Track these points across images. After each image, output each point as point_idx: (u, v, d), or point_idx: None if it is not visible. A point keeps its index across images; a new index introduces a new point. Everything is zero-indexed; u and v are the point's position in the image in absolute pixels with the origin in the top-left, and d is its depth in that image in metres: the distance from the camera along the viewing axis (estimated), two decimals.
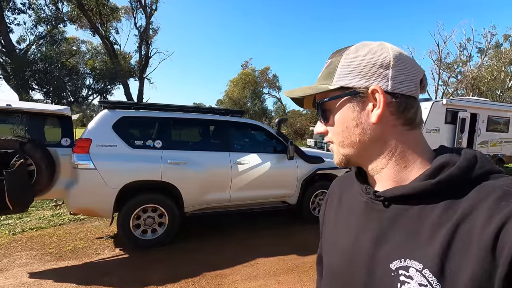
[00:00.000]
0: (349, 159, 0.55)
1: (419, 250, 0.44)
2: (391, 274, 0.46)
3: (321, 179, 4.60)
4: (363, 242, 0.52)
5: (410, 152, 0.51)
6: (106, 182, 3.28)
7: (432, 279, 0.41)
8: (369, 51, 0.51)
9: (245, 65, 31.06)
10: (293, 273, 3.08)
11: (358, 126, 0.52)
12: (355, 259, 0.53)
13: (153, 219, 3.56)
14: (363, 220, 0.55)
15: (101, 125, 3.44)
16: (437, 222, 0.44)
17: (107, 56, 16.98)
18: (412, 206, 0.48)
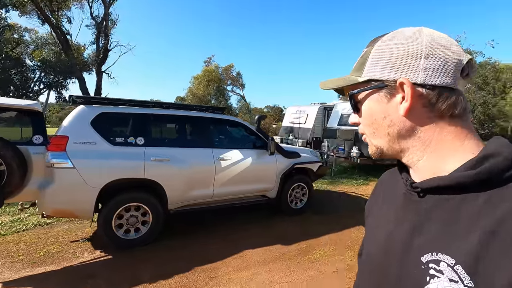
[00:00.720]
0: (382, 151, 0.55)
1: (453, 244, 0.42)
2: (422, 267, 0.44)
3: (297, 173, 4.85)
4: (398, 233, 0.52)
5: (448, 143, 0.48)
6: (86, 181, 3.12)
7: (464, 276, 0.39)
8: (401, 40, 0.50)
9: (208, 62, 30.65)
10: (281, 261, 3.26)
11: (386, 119, 0.52)
12: (389, 250, 0.52)
13: (136, 218, 3.47)
14: (401, 211, 0.54)
15: (78, 122, 3.26)
16: (476, 216, 0.41)
17: (57, 47, 15.54)
18: (449, 198, 0.46)
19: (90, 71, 16.02)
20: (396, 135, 0.52)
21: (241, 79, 30.68)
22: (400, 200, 0.56)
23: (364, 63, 0.54)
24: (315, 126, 12.26)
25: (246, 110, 31.35)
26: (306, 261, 3.28)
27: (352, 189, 7.11)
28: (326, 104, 12.97)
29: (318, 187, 6.86)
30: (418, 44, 0.48)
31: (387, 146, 0.54)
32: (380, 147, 0.55)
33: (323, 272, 3.05)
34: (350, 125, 9.57)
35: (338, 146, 9.40)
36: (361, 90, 0.55)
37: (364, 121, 0.57)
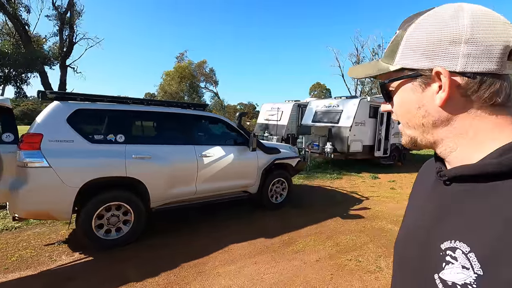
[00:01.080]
0: (415, 141, 0.54)
1: (471, 233, 0.42)
2: (440, 253, 0.45)
3: (277, 169, 4.98)
4: (423, 220, 0.53)
5: (486, 133, 0.46)
6: (64, 181, 2.99)
7: (475, 264, 0.39)
8: (437, 23, 0.45)
9: (180, 58, 29.90)
10: (266, 253, 3.37)
11: (421, 109, 0.49)
12: (413, 236, 0.54)
13: (117, 218, 3.38)
14: (428, 198, 0.55)
15: (53, 119, 3.10)
16: (497, 207, 0.40)
17: (14, 38, 14.28)
18: (473, 187, 0.45)
19: (52, 65, 14.95)
20: (431, 126, 0.50)
21: (215, 75, 30.39)
22: (430, 188, 0.57)
23: (395, 50, 0.51)
24: (290, 123, 12.55)
25: (220, 107, 31.11)
26: (290, 252, 3.41)
27: (327, 183, 7.42)
28: (300, 102, 13.33)
29: (295, 182, 7.07)
30: (458, 27, 0.43)
31: (420, 136, 0.53)
32: (413, 137, 0.54)
33: (307, 261, 3.21)
34: (324, 121, 10.00)
35: (312, 142, 9.72)
36: (393, 80, 0.52)
37: (397, 111, 0.55)
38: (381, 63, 0.54)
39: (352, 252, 3.48)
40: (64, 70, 15.39)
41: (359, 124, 9.27)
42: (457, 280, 0.41)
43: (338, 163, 10.24)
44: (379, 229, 4.24)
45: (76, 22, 15.39)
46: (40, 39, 16.53)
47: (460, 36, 0.43)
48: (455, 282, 0.41)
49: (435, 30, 0.45)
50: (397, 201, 5.91)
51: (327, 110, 10.22)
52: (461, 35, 0.43)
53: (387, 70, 0.52)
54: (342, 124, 9.31)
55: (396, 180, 8.10)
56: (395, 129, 10.82)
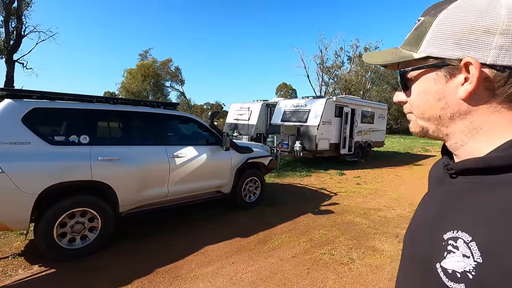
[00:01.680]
0: (427, 132, 0.54)
1: (474, 223, 0.42)
2: (442, 243, 0.45)
3: (250, 168, 4.99)
4: (429, 212, 0.53)
5: (502, 129, 0.45)
6: (19, 187, 2.70)
7: (475, 252, 0.40)
8: (472, 11, 0.43)
9: (144, 55, 28.64)
10: (242, 252, 3.36)
11: (441, 100, 0.48)
12: (420, 229, 0.55)
13: (82, 225, 3.14)
14: (436, 191, 0.56)
15: (6, 118, 2.78)
16: (499, 200, 0.41)
17: None
18: (479, 180, 0.46)
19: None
20: (448, 119, 0.49)
21: (180, 74, 29.59)
22: (439, 181, 0.57)
23: (421, 37, 0.48)
24: (259, 122, 12.64)
25: (186, 107, 30.37)
26: (266, 250, 3.44)
27: (297, 180, 7.60)
28: (269, 101, 13.49)
29: (266, 180, 7.13)
30: (494, 17, 0.42)
31: (434, 128, 0.52)
32: (425, 128, 0.53)
33: (283, 258, 3.26)
34: (293, 121, 10.23)
35: (282, 141, 9.89)
36: (416, 68, 0.50)
37: (414, 101, 0.53)
38: (403, 51, 0.51)
39: (326, 246, 3.60)
40: (11, 66, 13.85)
41: (326, 123, 9.63)
42: (457, 268, 0.41)
43: (307, 161, 10.54)
44: (349, 223, 4.45)
45: (24, 12, 14.00)
46: None
47: (496, 26, 0.41)
48: (455, 270, 0.42)
49: (470, 18, 0.43)
50: (363, 195, 6.24)
51: (295, 109, 10.47)
52: (497, 26, 0.41)
53: (410, 58, 0.49)
54: (310, 123, 9.60)
55: (361, 176, 8.55)
56: (358, 128, 11.42)
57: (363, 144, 11.85)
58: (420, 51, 0.48)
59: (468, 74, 0.44)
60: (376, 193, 6.53)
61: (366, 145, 12.12)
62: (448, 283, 0.42)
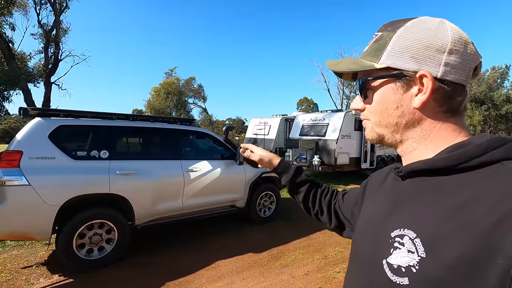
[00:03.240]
0: (382, 139, 0.57)
1: (419, 221, 0.45)
2: (389, 241, 0.48)
3: (265, 182, 4.98)
4: (378, 213, 0.56)
5: (444, 137, 0.50)
6: (44, 200, 2.89)
7: (420, 247, 0.42)
8: (426, 31, 0.48)
9: (169, 74, 30.03)
10: (254, 268, 3.31)
11: (398, 109, 0.52)
12: (368, 229, 0.57)
13: (100, 236, 3.27)
14: (386, 194, 0.58)
15: (34, 135, 3.03)
16: (444, 197, 0.44)
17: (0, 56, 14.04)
18: (425, 181, 0.49)
19: (37, 82, 14.71)
20: (403, 126, 0.52)
21: (203, 91, 30.56)
22: (388, 185, 0.60)
23: (381, 49, 0.52)
24: (277, 137, 12.66)
25: (208, 123, 31.14)
26: (278, 267, 3.37)
27: None
28: (288, 116, 13.52)
29: (283, 195, 7.05)
30: (443, 38, 0.47)
31: (389, 135, 0.55)
32: (382, 134, 0.56)
33: (295, 275, 3.17)
34: (311, 135, 10.15)
35: (300, 155, 9.81)
36: (377, 77, 0.53)
37: (373, 108, 0.56)
38: (364, 61, 0.54)
39: (340, 264, 3.46)
40: (49, 87, 15.14)
41: (345, 137, 9.45)
42: (402, 263, 0.44)
43: (326, 176, 10.32)
44: None
45: (62, 39, 15.38)
46: (25, 56, 16.32)
47: (445, 45, 0.47)
48: (400, 265, 0.44)
49: (425, 36, 0.48)
50: None
51: (313, 123, 10.40)
52: (446, 45, 0.47)
53: (371, 68, 0.52)
54: (328, 137, 9.47)
55: None
56: None
57: (386, 158, 11.44)
58: (381, 61, 0.52)
59: (422, 86, 0.48)
60: None
61: (389, 159, 11.68)
62: (393, 277, 0.45)
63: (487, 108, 30.96)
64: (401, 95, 0.51)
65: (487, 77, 33.61)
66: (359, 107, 0.59)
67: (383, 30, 0.54)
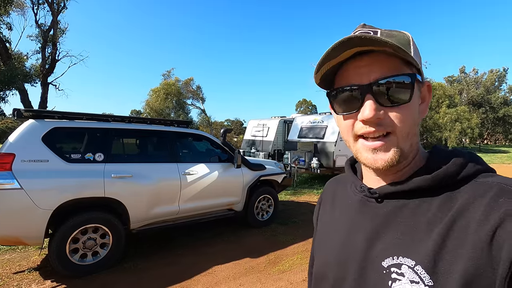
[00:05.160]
0: (401, 155, 0.47)
1: (413, 247, 0.42)
2: (383, 272, 0.44)
3: (263, 185, 4.93)
4: (356, 241, 0.50)
5: (416, 148, 0.50)
6: (36, 203, 2.82)
7: (424, 276, 0.39)
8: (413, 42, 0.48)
9: (167, 75, 29.94)
10: (251, 274, 3.25)
11: (417, 115, 0.48)
12: (346, 258, 0.51)
13: (94, 241, 3.20)
14: (357, 218, 0.53)
15: (27, 138, 2.96)
16: (432, 218, 0.42)
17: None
18: (406, 203, 0.46)
19: (33, 83, 14.59)
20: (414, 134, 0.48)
21: (201, 92, 30.46)
22: (354, 207, 0.54)
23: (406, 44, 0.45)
24: (276, 139, 12.61)
25: (206, 124, 31.04)
26: (276, 272, 3.31)
27: (313, 198, 7.39)
28: (286, 118, 13.48)
29: (281, 198, 7.00)
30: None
31: (408, 148, 0.48)
32: (404, 150, 0.47)
33: (293, 282, 3.11)
34: (309, 137, 10.11)
35: (299, 157, 9.76)
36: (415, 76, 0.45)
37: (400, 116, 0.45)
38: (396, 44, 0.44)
39: None
40: (46, 88, 15.02)
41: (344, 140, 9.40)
42: None
43: (325, 178, 10.27)
44: None
45: (59, 39, 15.28)
46: (21, 56, 16.21)
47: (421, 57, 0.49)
48: None
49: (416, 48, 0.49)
50: None
51: (312, 125, 10.36)
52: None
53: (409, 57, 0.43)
54: (327, 139, 9.43)
55: None
56: None
57: None
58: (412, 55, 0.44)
59: (426, 94, 0.48)
60: None
61: None
62: None
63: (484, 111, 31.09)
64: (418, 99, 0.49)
65: (485, 80, 33.79)
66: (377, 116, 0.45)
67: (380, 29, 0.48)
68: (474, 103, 31.01)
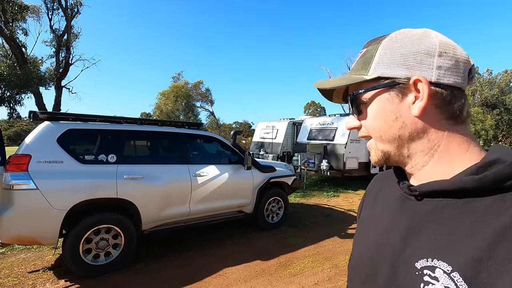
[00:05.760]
0: (389, 157, 0.51)
1: (451, 250, 0.40)
2: (415, 273, 0.42)
3: (273, 187, 4.90)
4: (391, 238, 0.50)
5: (455, 148, 0.47)
6: (51, 204, 2.87)
7: (461, 284, 0.37)
8: (412, 38, 0.47)
9: (176, 78, 30.29)
10: (262, 277, 3.22)
11: (398, 120, 0.48)
12: (380, 255, 0.51)
13: (106, 241, 3.23)
14: (395, 215, 0.52)
15: (43, 139, 3.02)
16: (477, 222, 0.40)
17: (10, 60, 14.37)
18: (448, 203, 0.44)
19: (48, 86, 14.98)
20: (407, 138, 0.48)
21: (210, 95, 30.68)
22: (395, 204, 0.54)
23: (369, 61, 0.50)
24: (285, 141, 12.56)
25: (215, 126, 31.22)
26: (287, 275, 3.27)
27: (323, 201, 7.31)
28: (295, 120, 13.43)
29: (291, 200, 6.96)
30: (430, 43, 0.46)
31: (395, 151, 0.50)
32: (387, 152, 0.51)
33: (305, 285, 3.07)
34: (319, 139, 10.03)
35: (308, 160, 9.68)
36: (369, 89, 0.50)
37: (370, 123, 0.51)
38: (353, 75, 0.51)
39: None
40: (59, 91, 15.40)
41: (354, 141, 9.29)
42: None
43: (335, 181, 10.17)
44: None
45: (72, 44, 15.67)
46: (37, 60, 16.67)
47: (434, 49, 0.46)
48: None
49: (411, 43, 0.47)
50: None
51: (321, 127, 10.28)
52: (435, 49, 0.46)
53: (361, 80, 0.49)
54: (337, 141, 9.33)
55: None
56: None
57: None
58: (370, 73, 0.49)
59: (418, 92, 0.46)
60: None
61: None
62: None
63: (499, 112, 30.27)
64: (398, 104, 0.48)
65: (499, 80, 32.94)
66: (355, 125, 0.55)
67: (367, 46, 0.52)
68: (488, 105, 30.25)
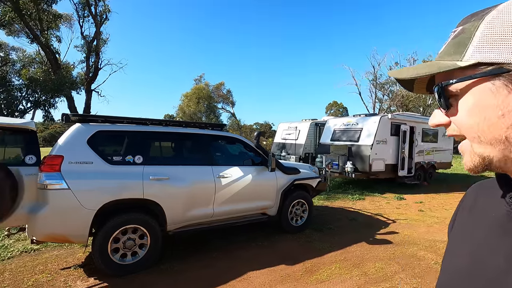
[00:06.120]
0: (490, 163, 0.41)
1: None
2: None
3: (297, 189, 4.78)
4: (492, 259, 0.44)
5: None
6: (82, 203, 2.96)
7: None
8: None
9: (198, 80, 30.89)
10: (287, 282, 3.13)
11: (505, 117, 0.37)
12: (476, 275, 0.45)
13: (133, 241, 3.28)
14: (498, 234, 0.45)
15: (74, 140, 3.12)
16: None
17: (46, 66, 15.32)
18: None
19: (79, 90, 15.85)
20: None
21: (232, 96, 30.98)
22: (498, 221, 0.46)
23: (465, 43, 0.40)
24: (307, 142, 12.35)
25: (236, 127, 31.44)
26: (314, 282, 3.15)
27: (348, 204, 7.07)
28: (318, 120, 13.17)
29: (315, 203, 6.78)
30: None
31: (500, 155, 0.40)
32: (487, 157, 0.41)
33: None
34: (343, 140, 9.74)
35: (332, 161, 9.43)
36: (464, 79, 0.40)
37: (464, 121, 0.42)
38: (441, 62, 0.42)
39: (382, 283, 3.16)
40: (89, 94, 16.24)
41: (381, 142, 8.94)
42: None
43: (360, 183, 9.83)
44: (411, 256, 3.89)
45: (101, 49, 16.48)
46: (69, 66, 17.68)
47: None
48: None
49: None
50: (428, 224, 5.48)
51: (346, 128, 9.99)
52: None
53: (453, 67, 0.40)
54: (362, 142, 9.02)
55: (424, 202, 7.60)
56: (419, 147, 10.37)
57: (426, 165, 10.66)
58: (466, 58, 0.39)
59: None
60: (444, 222, 5.68)
61: (429, 166, 10.87)
62: None
63: None
64: (506, 97, 0.37)
65: None
66: (442, 121, 0.45)
67: (463, 24, 0.42)
68: None
